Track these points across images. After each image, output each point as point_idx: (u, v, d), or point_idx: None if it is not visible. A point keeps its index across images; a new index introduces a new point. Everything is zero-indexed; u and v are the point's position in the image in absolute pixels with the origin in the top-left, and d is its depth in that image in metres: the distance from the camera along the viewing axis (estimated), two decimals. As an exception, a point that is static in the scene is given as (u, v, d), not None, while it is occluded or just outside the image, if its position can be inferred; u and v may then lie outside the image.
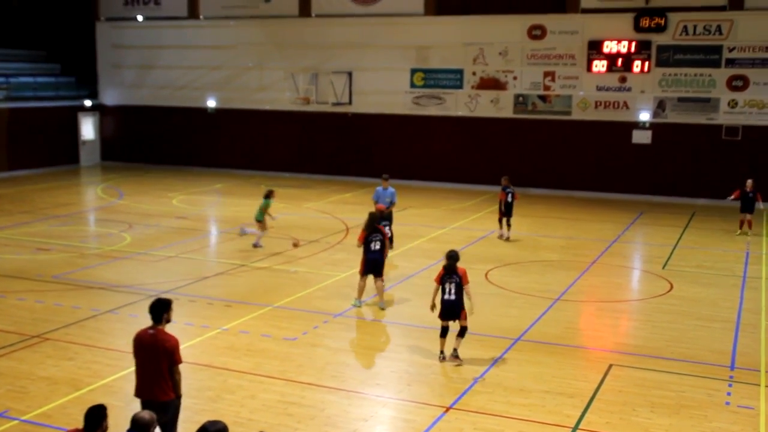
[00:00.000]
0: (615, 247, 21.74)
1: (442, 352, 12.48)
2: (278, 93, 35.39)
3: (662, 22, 29.73)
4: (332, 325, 14.18)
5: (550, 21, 31.40)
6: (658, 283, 17.64)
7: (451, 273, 12.42)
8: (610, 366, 12.28)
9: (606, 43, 30.57)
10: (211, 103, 36.80)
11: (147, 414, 7.08)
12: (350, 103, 34.47)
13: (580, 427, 10.13)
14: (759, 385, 11.63)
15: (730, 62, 29.31)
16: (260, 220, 20.37)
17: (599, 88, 31.02)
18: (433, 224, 24.15)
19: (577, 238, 22.70)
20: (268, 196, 20.75)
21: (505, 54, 32.10)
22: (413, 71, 33.53)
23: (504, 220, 22.09)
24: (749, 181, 23.67)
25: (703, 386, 11.55)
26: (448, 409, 10.60)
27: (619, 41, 30.43)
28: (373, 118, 34.18)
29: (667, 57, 30.03)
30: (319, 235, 22.18)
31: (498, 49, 32.13)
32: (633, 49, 30.26)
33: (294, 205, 27.25)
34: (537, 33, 31.63)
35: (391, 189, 20.47)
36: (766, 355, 12.96)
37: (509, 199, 21.87)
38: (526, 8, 31.86)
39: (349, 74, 34.24)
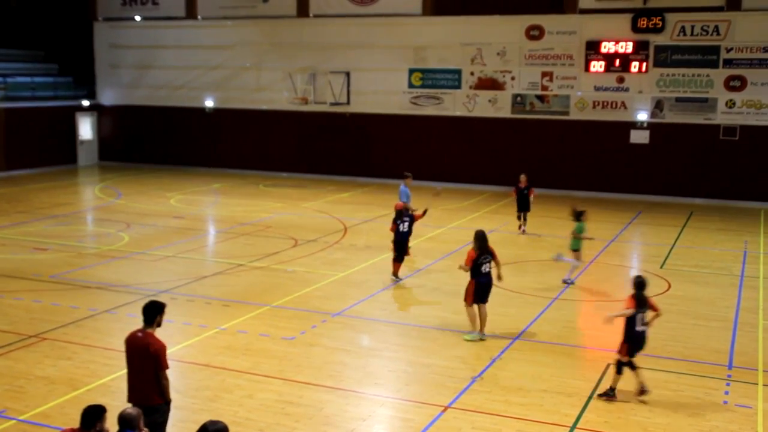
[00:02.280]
0: (613, 246, 21.76)
1: (613, 389, 11.01)
2: (276, 93, 35.37)
3: (660, 22, 29.74)
4: (330, 325, 14.17)
5: (548, 21, 31.42)
6: (656, 282, 17.61)
7: (643, 303, 10.91)
8: (608, 365, 12.25)
9: (604, 43, 30.58)
10: (209, 103, 36.78)
11: (133, 410, 7.05)
12: (348, 103, 34.46)
13: (579, 426, 10.13)
14: (757, 384, 11.64)
15: (728, 63, 29.33)
16: (577, 249, 17.40)
17: (597, 89, 31.04)
18: (431, 224, 24.08)
19: (575, 237, 22.68)
20: (580, 217, 17.48)
21: (503, 54, 32.11)
22: (411, 71, 33.53)
23: (521, 214, 22.94)
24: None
25: (701, 385, 11.56)
26: (446, 409, 10.59)
27: (617, 42, 30.44)
28: (370, 118, 34.18)
29: (665, 57, 30.04)
30: (316, 234, 22.17)
31: (496, 49, 32.15)
32: (631, 49, 30.27)
33: (291, 205, 27.25)
34: (535, 33, 31.64)
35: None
36: (764, 354, 12.97)
37: (525, 192, 22.63)
38: (524, 8, 31.87)
39: (347, 74, 34.24)
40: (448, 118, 33.13)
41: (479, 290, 13.45)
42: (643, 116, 30.52)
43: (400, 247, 17.35)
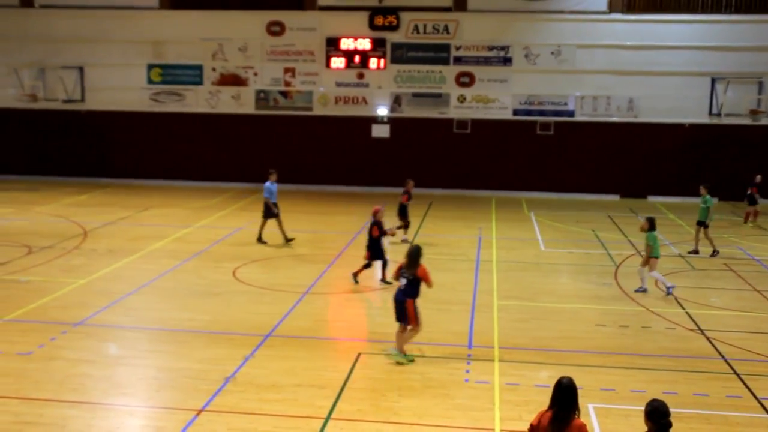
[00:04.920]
0: (360, 238, 22.30)
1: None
2: (0, 90, 32.72)
3: (395, 20, 31.00)
4: (71, 336, 13.29)
5: (288, 17, 31.65)
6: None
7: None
8: (359, 354, 12.56)
9: (343, 40, 31.34)
10: None
11: None
12: (83, 100, 32.65)
13: (333, 416, 10.26)
14: (493, 360, 12.43)
15: (458, 60, 31.19)
16: (657, 256, 16.58)
17: (338, 84, 31.77)
18: (177, 224, 23.47)
19: (322, 231, 23.06)
20: (653, 226, 16.55)
21: (245, 50, 31.93)
22: (150, 67, 32.39)
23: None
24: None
25: (445, 366, 12.14)
26: (200, 412, 10.31)
27: (356, 38, 31.33)
28: (108, 116, 32.61)
29: (401, 54, 31.36)
30: (52, 240, 20.73)
31: (237, 44, 31.89)
32: (369, 46, 31.28)
33: (22, 210, 25.33)
34: (276, 29, 31.75)
35: None
36: (499, 332, 13.87)
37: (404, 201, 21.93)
38: (264, 4, 31.87)
39: (81, 69, 32.40)
40: (191, 114, 32.39)
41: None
42: (383, 111, 31.66)
43: (378, 252, 17.18)
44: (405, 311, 12.26)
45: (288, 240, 20.89)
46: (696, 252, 20.46)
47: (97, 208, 25.95)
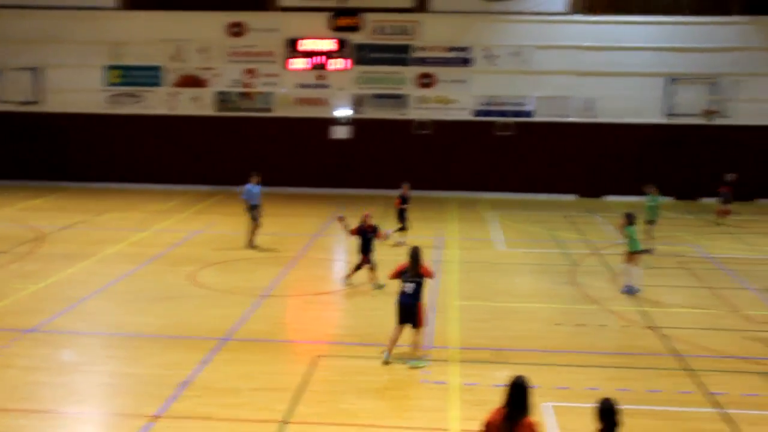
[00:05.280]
0: (318, 240, 22.30)
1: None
2: (-47, 92, 32.23)
3: (357, 22, 31.00)
4: (24, 343, 13.07)
5: (249, 18, 31.50)
6: (359, 273, 18.26)
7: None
8: (318, 357, 12.53)
9: (304, 41, 31.26)
10: None
11: None
12: (39, 102, 32.16)
13: (291, 420, 10.22)
14: (452, 361, 12.46)
15: (418, 61, 31.28)
16: (635, 250, 16.58)
17: (300, 86, 31.69)
18: (135, 227, 23.23)
19: (281, 233, 22.94)
20: (630, 221, 16.57)
21: (205, 51, 31.71)
22: (108, 68, 32.03)
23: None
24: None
25: (403, 367, 12.13)
26: (156, 418, 10.20)
27: (317, 39, 31.25)
28: (66, 118, 32.18)
29: (363, 55, 31.36)
30: (6, 245, 20.38)
31: (197, 45, 31.66)
32: (331, 47, 31.22)
33: (-22, 214, 24.93)
34: (236, 30, 31.57)
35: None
36: (458, 333, 13.91)
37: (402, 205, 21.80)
38: (224, 5, 31.67)
39: (37, 71, 31.92)
40: (150, 116, 32.07)
41: (396, 309, 12.46)
42: (344, 112, 31.62)
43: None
44: (416, 314, 12.26)
45: (251, 246, 20.68)
46: (649, 251, 20.71)
47: (53, 212, 25.58)
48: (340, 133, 31.70)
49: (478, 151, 31.41)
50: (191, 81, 31.87)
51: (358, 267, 17.02)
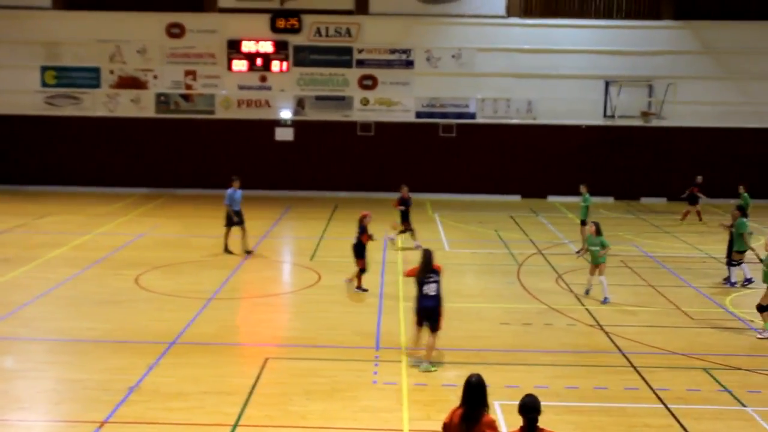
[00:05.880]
0: (265, 242, 22.19)
1: None
2: None
3: (297, 23, 30.93)
4: (-36, 350, 12.76)
5: (188, 19, 31.17)
6: (307, 274, 18.31)
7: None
8: (267, 359, 12.47)
9: (245, 42, 31.07)
10: None
11: None
12: (-29, 103, 31.39)
13: (240, 423, 10.16)
14: (400, 362, 12.53)
15: (360, 63, 31.35)
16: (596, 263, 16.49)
17: (241, 87, 31.48)
18: (77, 231, 22.79)
19: (227, 236, 22.77)
20: (599, 231, 16.48)
21: (144, 52, 31.28)
22: (44, 69, 31.36)
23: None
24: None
25: (353, 369, 12.17)
26: (103, 424, 10.04)
27: (258, 41, 31.10)
28: (1, 120, 31.37)
29: (304, 57, 31.30)
30: (-58, 250, 19.86)
31: (136, 46, 31.22)
32: (271, 49, 31.10)
33: None
34: (176, 31, 31.22)
35: None
36: (405, 333, 13.98)
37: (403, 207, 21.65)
38: (163, 6, 31.27)
39: (-31, 72, 31.16)
40: (89, 118, 31.50)
41: (417, 312, 12.51)
42: (286, 114, 31.53)
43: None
44: (438, 316, 12.30)
45: (248, 252, 20.31)
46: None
47: (-10, 216, 25.00)
48: (284, 134, 31.57)
49: (422, 152, 31.60)
50: (131, 82, 31.40)
51: (362, 271, 16.86)
